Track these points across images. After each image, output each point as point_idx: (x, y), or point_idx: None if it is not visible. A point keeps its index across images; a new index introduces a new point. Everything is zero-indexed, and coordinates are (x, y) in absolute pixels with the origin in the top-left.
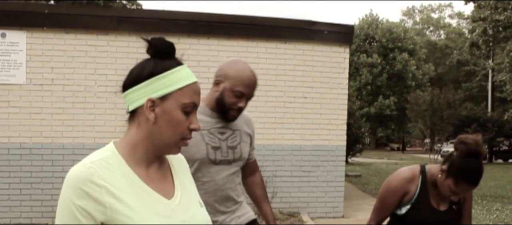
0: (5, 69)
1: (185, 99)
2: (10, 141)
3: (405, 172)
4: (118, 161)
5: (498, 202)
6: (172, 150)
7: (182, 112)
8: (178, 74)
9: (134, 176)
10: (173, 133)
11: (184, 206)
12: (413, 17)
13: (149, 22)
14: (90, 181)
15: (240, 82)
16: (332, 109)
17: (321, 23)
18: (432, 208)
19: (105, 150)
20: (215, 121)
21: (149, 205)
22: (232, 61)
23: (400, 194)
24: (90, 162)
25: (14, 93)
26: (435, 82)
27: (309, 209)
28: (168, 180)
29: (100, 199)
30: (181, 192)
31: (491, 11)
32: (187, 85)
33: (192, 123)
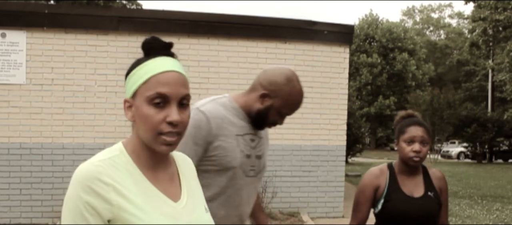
0: (5, 69)
1: (148, 91)
2: (10, 141)
3: (372, 169)
4: (126, 161)
5: (498, 202)
6: (155, 147)
7: (150, 105)
8: (146, 68)
9: (141, 176)
10: (146, 129)
11: (189, 210)
12: (413, 17)
13: (149, 22)
14: (98, 179)
15: (291, 106)
16: (332, 109)
17: (321, 23)
18: (406, 195)
19: (113, 149)
20: (249, 126)
21: (156, 205)
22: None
23: (371, 190)
24: (98, 160)
25: (14, 93)
26: (435, 82)
27: (309, 209)
28: (175, 183)
29: (108, 197)
30: (188, 196)
31: (491, 11)
32: (152, 77)
33: (168, 115)
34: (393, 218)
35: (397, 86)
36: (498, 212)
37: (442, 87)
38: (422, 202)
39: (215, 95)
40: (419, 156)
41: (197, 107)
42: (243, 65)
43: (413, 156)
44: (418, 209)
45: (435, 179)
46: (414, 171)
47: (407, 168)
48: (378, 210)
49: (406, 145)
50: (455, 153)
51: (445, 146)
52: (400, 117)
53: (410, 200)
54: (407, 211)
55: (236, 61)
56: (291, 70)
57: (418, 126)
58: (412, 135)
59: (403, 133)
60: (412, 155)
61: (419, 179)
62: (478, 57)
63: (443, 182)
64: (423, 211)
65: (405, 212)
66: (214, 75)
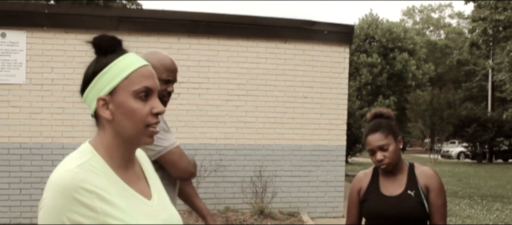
0: (5, 69)
1: (134, 86)
2: (10, 141)
3: (359, 173)
4: (100, 163)
5: (498, 202)
6: (141, 140)
7: (136, 99)
8: (120, 64)
9: (117, 178)
10: (133, 124)
11: (162, 207)
12: (413, 17)
13: (149, 22)
14: (81, 188)
15: (165, 70)
16: (332, 109)
17: (321, 23)
18: (382, 195)
19: (85, 152)
20: None
21: (136, 206)
22: (147, 53)
23: (355, 193)
24: (76, 166)
25: (14, 93)
26: (435, 82)
27: (309, 209)
28: (142, 180)
29: (92, 205)
30: (157, 192)
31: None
32: (133, 72)
33: (153, 107)
34: (370, 217)
35: (397, 86)
36: (498, 212)
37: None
38: (398, 200)
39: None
40: (384, 163)
41: None
42: (243, 65)
43: (378, 165)
44: (392, 208)
45: (421, 178)
46: (395, 171)
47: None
48: (362, 211)
49: (370, 156)
50: (455, 153)
51: (445, 146)
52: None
53: (385, 199)
54: (380, 210)
55: (236, 61)
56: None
57: (372, 133)
58: (370, 146)
59: (365, 145)
60: (377, 165)
61: (402, 178)
62: (478, 57)
63: (433, 181)
64: (397, 209)
65: (379, 211)
66: (214, 75)
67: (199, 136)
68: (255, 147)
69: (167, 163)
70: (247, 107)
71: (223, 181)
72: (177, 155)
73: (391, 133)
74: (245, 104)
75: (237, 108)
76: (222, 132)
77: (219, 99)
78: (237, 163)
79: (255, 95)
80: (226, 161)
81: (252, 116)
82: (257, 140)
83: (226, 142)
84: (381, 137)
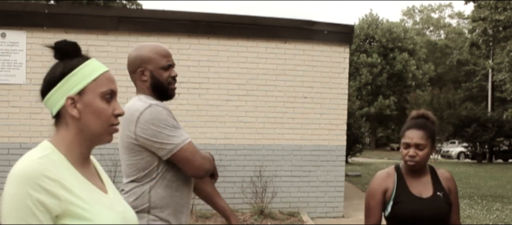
0: (5, 69)
1: (102, 88)
2: (10, 141)
3: (380, 173)
4: (60, 158)
5: (498, 202)
6: (103, 138)
7: (103, 100)
8: (88, 67)
9: (76, 172)
10: (100, 122)
11: (118, 200)
12: (413, 17)
13: (149, 22)
14: (45, 176)
15: (163, 56)
16: (332, 109)
17: (321, 23)
18: (414, 196)
19: (44, 148)
20: None
21: (95, 197)
22: (138, 48)
23: (380, 194)
24: (38, 158)
25: (14, 93)
26: (435, 82)
27: (309, 209)
28: (97, 177)
29: (55, 192)
30: (111, 189)
31: (491, 11)
32: (100, 75)
33: (115, 109)
34: (403, 219)
35: (397, 86)
36: (498, 212)
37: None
38: (431, 202)
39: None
40: (414, 161)
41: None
42: (243, 65)
43: (407, 160)
44: (427, 209)
45: (443, 179)
46: (420, 172)
47: (412, 170)
48: (388, 213)
49: (403, 149)
50: (455, 153)
51: (445, 146)
52: (411, 117)
53: (419, 201)
54: (416, 212)
55: (236, 61)
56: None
57: (416, 129)
58: (408, 139)
59: (402, 137)
60: (407, 159)
61: (427, 180)
62: (478, 57)
63: (451, 182)
64: (432, 211)
65: (415, 212)
66: (214, 75)
67: (199, 136)
68: (255, 147)
69: (180, 161)
70: (247, 107)
71: (223, 181)
72: (190, 152)
73: (431, 138)
74: (245, 104)
75: (237, 108)
76: (222, 132)
77: (219, 99)
78: (237, 163)
79: (255, 95)
80: (226, 161)
81: (252, 116)
82: (257, 140)
83: (226, 142)
84: (423, 136)
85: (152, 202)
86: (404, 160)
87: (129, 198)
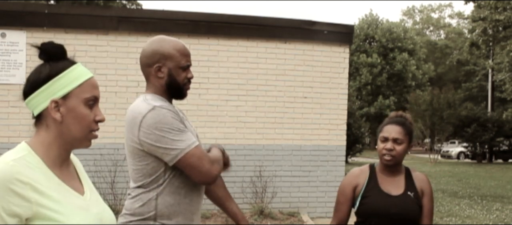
0: (5, 69)
1: (86, 94)
2: (10, 141)
3: (353, 170)
4: (36, 160)
5: (498, 202)
6: (83, 143)
7: (86, 106)
8: (75, 72)
9: (51, 174)
10: (81, 128)
11: (95, 202)
12: (413, 17)
13: (149, 22)
14: (16, 179)
15: (183, 54)
16: (332, 109)
17: (321, 23)
18: (383, 192)
19: (20, 150)
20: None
21: (69, 199)
22: (158, 41)
23: (350, 189)
24: (12, 160)
25: (14, 93)
26: (435, 82)
27: (309, 209)
28: (76, 179)
29: (26, 195)
30: (89, 190)
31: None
32: (85, 81)
33: (97, 115)
34: (370, 214)
35: (397, 86)
36: (498, 212)
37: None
38: (400, 200)
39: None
40: (391, 155)
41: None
42: (243, 65)
43: (385, 153)
44: (394, 207)
45: (417, 181)
46: (394, 171)
47: (386, 167)
48: (357, 208)
49: (380, 143)
50: (455, 153)
51: (445, 146)
52: (388, 117)
53: (387, 197)
54: (383, 208)
55: (236, 61)
56: (158, 36)
57: (395, 125)
58: (386, 133)
59: (380, 131)
60: (384, 153)
61: (400, 179)
62: (478, 57)
63: (425, 185)
64: (400, 208)
65: (381, 208)
66: (214, 75)
67: (199, 136)
68: (255, 147)
69: (186, 167)
70: (247, 107)
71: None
72: (196, 157)
73: (409, 135)
74: (245, 104)
75: (237, 108)
76: (222, 132)
77: (219, 99)
78: (237, 163)
79: (255, 95)
80: None
81: (252, 116)
82: (257, 140)
83: (226, 142)
84: (401, 132)
85: (158, 210)
86: (381, 154)
87: (135, 204)
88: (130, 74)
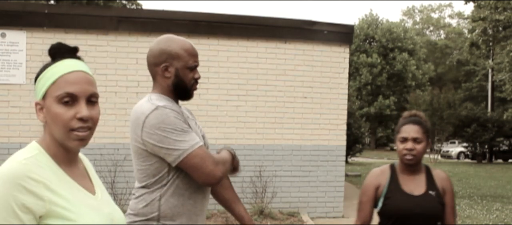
0: (5, 69)
1: (57, 91)
2: (10, 141)
3: (374, 170)
4: (46, 159)
5: (498, 202)
6: (67, 144)
7: (59, 104)
8: (52, 70)
9: (62, 173)
10: (58, 128)
11: (106, 202)
12: (413, 17)
13: (149, 22)
14: (29, 177)
15: (190, 54)
16: (332, 109)
17: (321, 23)
18: (405, 193)
19: (31, 149)
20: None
21: (81, 198)
22: (166, 40)
23: (372, 190)
24: (24, 159)
25: (14, 93)
26: (435, 82)
27: (309, 209)
28: (86, 178)
29: (39, 193)
30: (100, 190)
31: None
32: (59, 78)
33: (78, 112)
34: (393, 215)
35: (397, 86)
36: (498, 212)
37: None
38: (422, 200)
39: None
40: (411, 154)
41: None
42: (243, 65)
43: (405, 154)
44: (417, 207)
45: (438, 179)
46: (415, 171)
47: (407, 167)
48: (379, 208)
49: (400, 144)
50: (455, 153)
51: (445, 146)
52: (403, 117)
53: (409, 198)
54: (406, 208)
55: (236, 61)
56: (166, 35)
57: (413, 124)
58: (405, 134)
59: (398, 132)
60: (404, 153)
61: (421, 178)
62: (478, 57)
63: (447, 183)
64: (423, 208)
65: (404, 209)
66: (214, 75)
67: None
68: (255, 147)
69: (188, 168)
70: (247, 107)
71: None
72: (199, 158)
73: (426, 133)
74: (245, 104)
75: (237, 108)
76: (222, 132)
77: (219, 99)
78: None
79: (255, 95)
80: None
81: (252, 116)
82: (257, 140)
83: (226, 142)
84: (419, 130)
85: (162, 211)
86: (402, 155)
87: (139, 205)
88: (130, 74)
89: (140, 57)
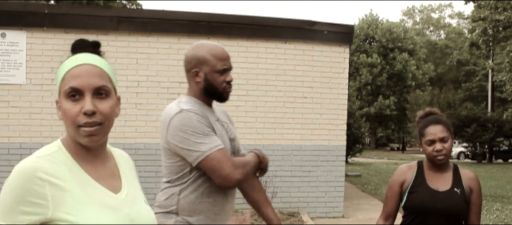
0: (5, 69)
1: (64, 87)
2: (10, 141)
3: (401, 166)
4: (65, 156)
5: (498, 202)
6: (79, 140)
7: (68, 100)
8: (63, 66)
9: (79, 170)
10: (68, 124)
11: (130, 201)
12: (413, 17)
13: (149, 22)
14: (35, 176)
15: (219, 59)
16: (332, 109)
17: (321, 23)
18: (430, 189)
19: (53, 146)
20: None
21: (95, 196)
22: (195, 46)
23: (398, 185)
24: (37, 157)
25: (14, 93)
26: (435, 82)
27: (309, 209)
28: (115, 177)
29: (42, 192)
30: (128, 189)
31: (491, 11)
32: (66, 73)
33: (82, 107)
34: (416, 209)
35: (397, 86)
36: (498, 212)
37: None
38: (447, 196)
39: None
40: (442, 154)
41: (181, 110)
42: (243, 65)
43: (436, 155)
44: (441, 202)
45: (465, 178)
46: (442, 168)
47: (435, 165)
48: (404, 202)
49: (428, 147)
50: (455, 153)
51: None
52: (419, 117)
53: (434, 193)
54: (430, 203)
55: (236, 61)
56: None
57: (435, 125)
58: (431, 136)
59: (423, 136)
60: (435, 155)
61: (448, 176)
62: (478, 57)
63: (474, 183)
64: (446, 204)
65: (428, 203)
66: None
67: None
68: (255, 147)
69: (207, 170)
70: (247, 107)
71: None
72: (217, 160)
73: (450, 130)
74: (245, 104)
75: (237, 108)
76: None
77: None
78: None
79: (255, 95)
80: None
81: (252, 116)
82: (257, 140)
83: None
84: (443, 129)
85: (180, 205)
86: (432, 156)
87: (161, 197)
88: (130, 74)
89: (140, 57)
